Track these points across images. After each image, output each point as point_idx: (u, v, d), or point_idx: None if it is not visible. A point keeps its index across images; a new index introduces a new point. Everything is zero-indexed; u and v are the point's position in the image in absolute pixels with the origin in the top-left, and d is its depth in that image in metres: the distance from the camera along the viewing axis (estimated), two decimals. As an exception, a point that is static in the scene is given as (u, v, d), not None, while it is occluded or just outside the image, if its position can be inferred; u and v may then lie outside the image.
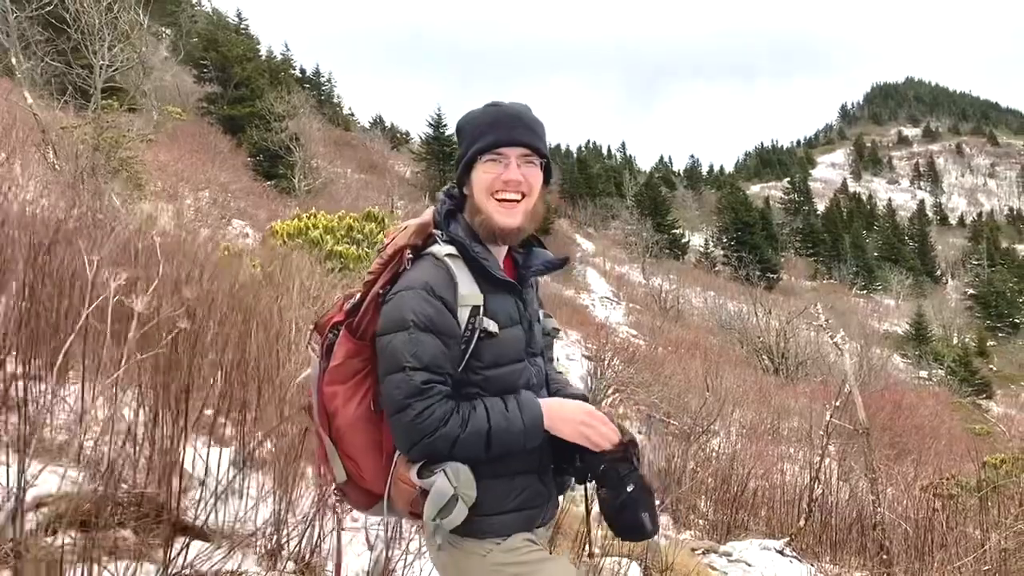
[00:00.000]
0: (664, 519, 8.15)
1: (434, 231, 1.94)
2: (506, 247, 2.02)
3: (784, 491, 9.27)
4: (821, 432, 7.10)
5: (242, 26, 39.68)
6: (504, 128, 1.91)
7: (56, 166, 12.35)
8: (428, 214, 2.01)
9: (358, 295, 1.97)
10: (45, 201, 11.39)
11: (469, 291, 1.86)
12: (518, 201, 1.92)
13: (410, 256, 1.89)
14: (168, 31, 43.65)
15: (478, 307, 1.86)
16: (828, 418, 6.85)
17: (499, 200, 1.92)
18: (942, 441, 17.12)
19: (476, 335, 1.85)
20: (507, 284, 1.96)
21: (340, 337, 1.92)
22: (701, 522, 8.56)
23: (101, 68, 12.60)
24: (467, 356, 1.86)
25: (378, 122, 77.34)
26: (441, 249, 1.88)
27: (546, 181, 2.03)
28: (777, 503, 8.18)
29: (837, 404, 7.02)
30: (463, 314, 1.85)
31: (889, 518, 6.03)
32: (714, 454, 12.21)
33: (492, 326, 1.87)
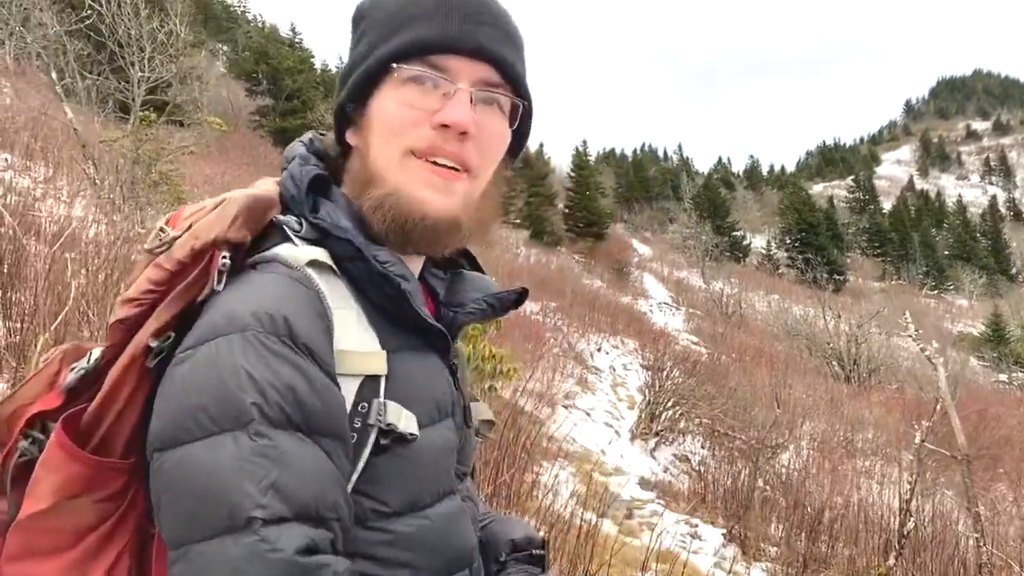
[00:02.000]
0: (731, 550, 7.38)
1: (280, 217, 0.97)
2: (422, 260, 1.10)
3: (867, 517, 8.42)
4: (911, 457, 6.26)
5: (296, 40, 39.86)
6: (452, 17, 0.97)
7: (96, 180, 12.15)
8: (266, 184, 1.03)
9: (93, 351, 0.96)
10: (91, 217, 11.23)
11: (358, 341, 0.92)
12: (457, 171, 0.98)
13: (225, 263, 0.89)
14: (224, 47, 44.43)
15: (376, 378, 0.91)
16: (919, 440, 6.01)
17: (426, 161, 0.97)
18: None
19: (371, 439, 0.90)
20: (433, 333, 1.01)
21: (50, 449, 0.88)
22: (773, 551, 7.77)
23: (140, 81, 12.37)
24: (352, 485, 0.88)
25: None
26: (299, 253, 0.93)
27: (515, 150, 1.09)
28: (860, 534, 7.36)
29: (928, 424, 6.17)
30: (346, 389, 0.89)
31: (997, 558, 5.20)
32: (783, 470, 11.38)
33: (406, 422, 0.92)
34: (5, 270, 5.79)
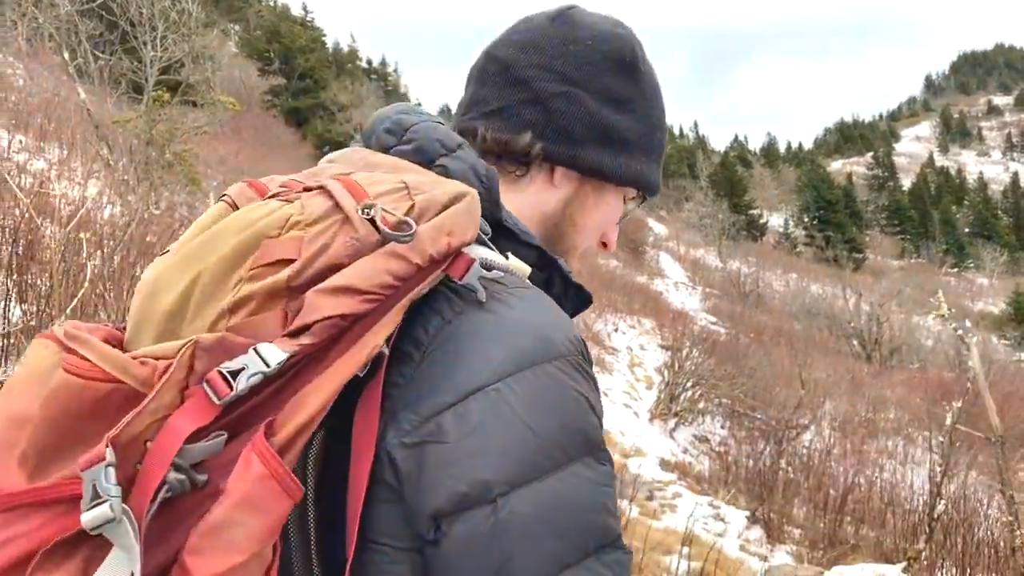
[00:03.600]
0: (756, 532, 7.27)
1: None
2: None
3: (892, 498, 8.28)
4: (941, 439, 6.10)
5: (308, 19, 39.63)
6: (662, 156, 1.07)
7: (110, 161, 12.08)
8: (418, 174, 0.82)
9: (262, 349, 0.67)
10: (105, 199, 11.17)
11: None
12: None
13: (479, 270, 0.76)
14: (236, 27, 44.26)
15: None
16: (950, 422, 5.84)
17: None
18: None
19: None
20: None
21: (250, 483, 0.64)
22: (797, 533, 7.65)
23: (152, 61, 12.26)
24: None
25: (445, 111, 77.16)
26: (516, 263, 0.84)
27: None
28: (886, 516, 7.22)
29: (959, 405, 6.00)
30: None
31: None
32: (805, 450, 11.24)
33: None
34: (20, 252, 5.71)
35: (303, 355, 0.68)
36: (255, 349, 0.67)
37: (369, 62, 60.22)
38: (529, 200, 0.97)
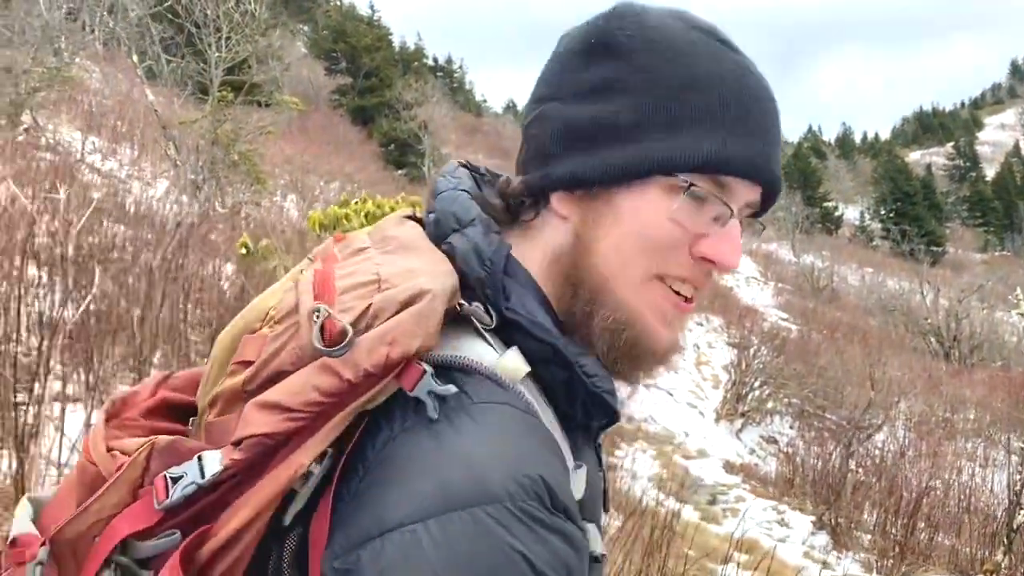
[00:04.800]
0: (822, 538, 6.98)
1: (467, 306, 0.74)
2: None
3: (970, 504, 7.86)
4: (1023, 444, 5.72)
5: (374, 18, 40.04)
6: (759, 135, 0.80)
7: (177, 162, 12.36)
8: (422, 252, 0.77)
9: (204, 457, 0.69)
10: (171, 197, 11.44)
11: (576, 475, 0.75)
12: (690, 301, 0.83)
13: (431, 384, 0.67)
14: (305, 27, 45.09)
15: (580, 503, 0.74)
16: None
17: (669, 288, 0.81)
18: None
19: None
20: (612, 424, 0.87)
21: None
22: (867, 539, 7.32)
23: (217, 61, 12.49)
24: None
25: (511, 107, 77.30)
26: (507, 363, 0.72)
27: None
28: (964, 522, 6.85)
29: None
30: None
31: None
32: (877, 451, 10.81)
33: (596, 542, 0.80)
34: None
35: (237, 469, 0.67)
36: (199, 457, 0.68)
37: (435, 60, 60.68)
38: (542, 246, 0.82)
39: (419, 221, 0.84)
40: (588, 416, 0.78)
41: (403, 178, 27.47)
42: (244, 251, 3.71)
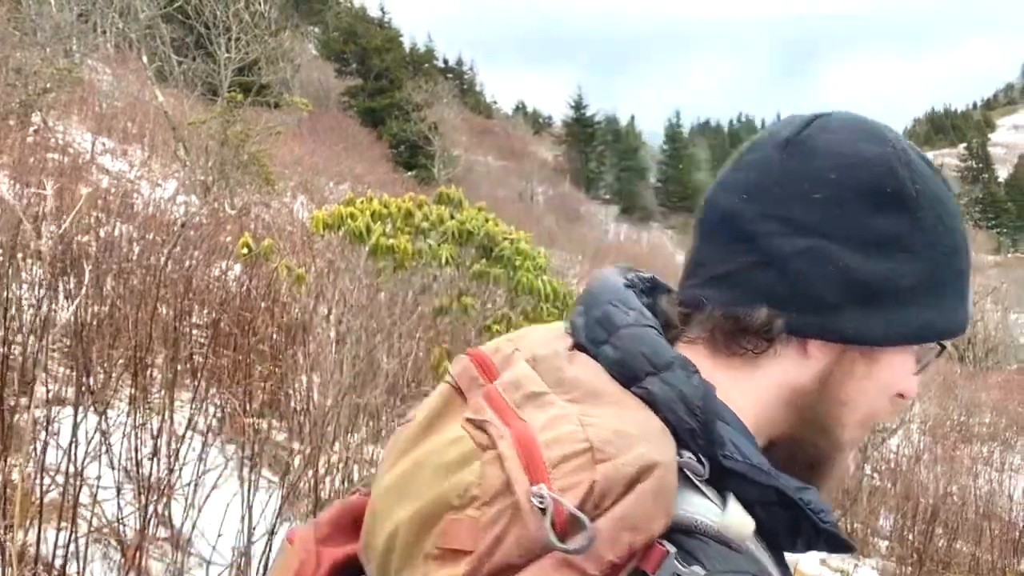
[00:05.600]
0: (839, 545, 6.87)
1: (679, 458, 0.67)
2: None
3: (988, 510, 7.75)
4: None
5: (385, 19, 40.10)
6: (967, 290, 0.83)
7: (187, 162, 12.35)
8: (620, 403, 0.70)
9: None
10: (180, 198, 11.43)
11: None
12: None
13: (675, 562, 0.62)
14: (316, 29, 45.19)
15: None
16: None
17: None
18: None
19: None
20: None
21: None
22: (883, 546, 7.22)
23: (226, 62, 12.48)
24: None
25: (520, 108, 77.25)
26: (732, 520, 0.68)
27: None
28: (984, 529, 6.74)
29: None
30: None
31: None
32: (892, 456, 10.71)
33: None
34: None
35: None
36: None
37: (445, 61, 60.70)
38: (773, 379, 0.77)
39: (576, 343, 0.77)
40: (808, 549, 0.74)
41: (413, 179, 27.51)
42: (246, 251, 3.64)
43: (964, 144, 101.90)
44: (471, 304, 3.29)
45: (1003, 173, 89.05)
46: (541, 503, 0.60)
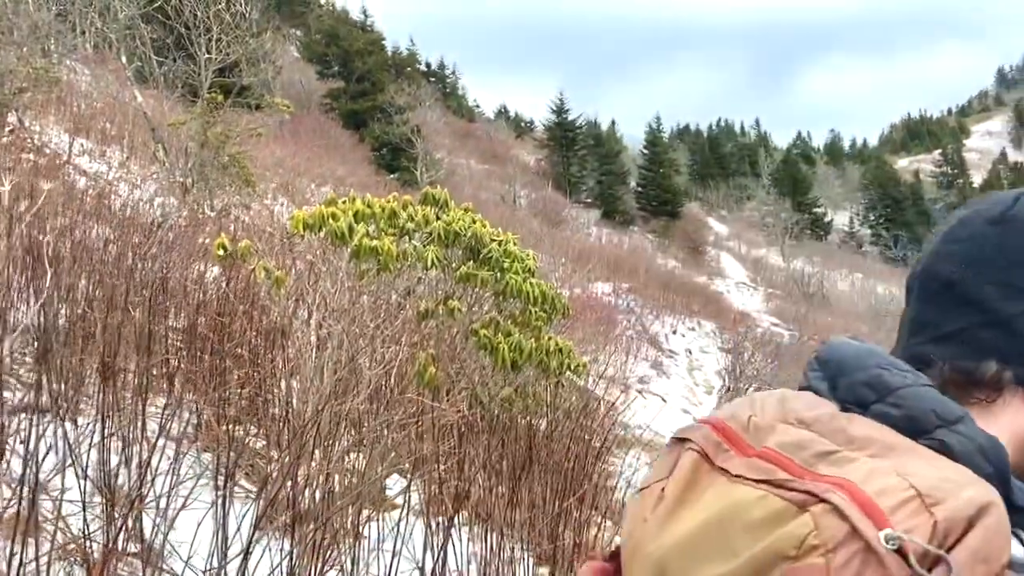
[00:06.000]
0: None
1: None
2: None
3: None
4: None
5: (367, 23, 39.89)
6: None
7: (166, 164, 12.18)
8: (927, 455, 0.73)
9: None
10: (159, 200, 11.25)
11: None
12: None
13: None
14: (298, 32, 44.94)
15: None
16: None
17: None
18: None
19: None
20: None
21: None
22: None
23: (206, 63, 12.32)
24: None
25: (502, 112, 77.23)
26: None
27: None
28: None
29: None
30: None
31: None
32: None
33: None
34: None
35: None
36: None
37: (428, 65, 60.54)
38: (1005, 427, 0.84)
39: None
40: None
41: (395, 182, 27.38)
42: (222, 252, 3.54)
43: (939, 150, 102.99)
44: (457, 308, 3.21)
45: (977, 179, 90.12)
46: (893, 544, 0.63)
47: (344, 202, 3.49)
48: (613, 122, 69.69)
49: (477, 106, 70.90)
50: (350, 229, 3.12)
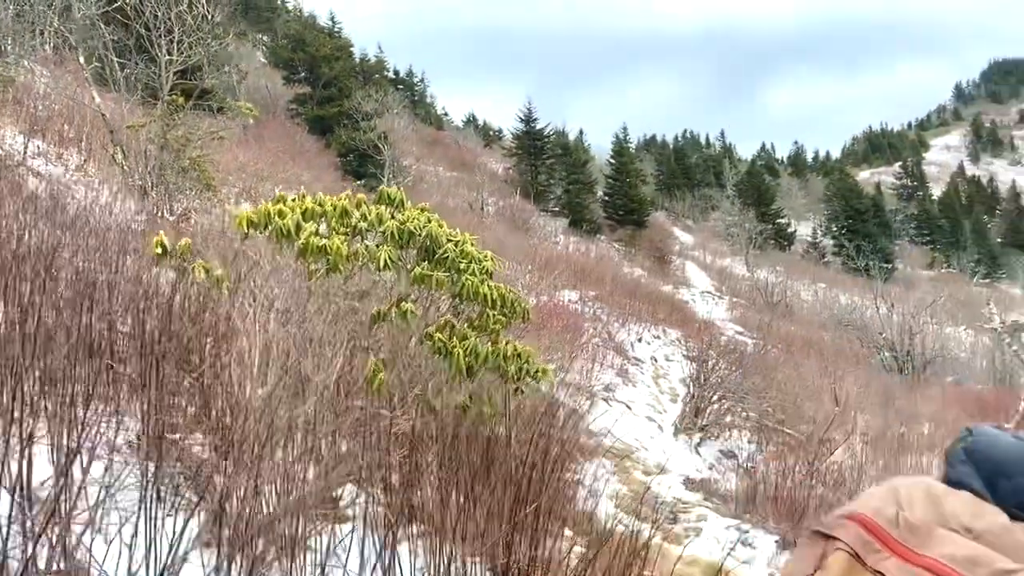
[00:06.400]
0: (788, 558, 6.83)
1: None
2: None
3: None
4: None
5: (335, 29, 39.60)
6: None
7: (125, 167, 11.92)
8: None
9: None
10: (117, 204, 10.99)
11: None
12: None
13: None
14: (265, 37, 44.54)
15: None
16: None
17: None
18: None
19: None
20: None
21: None
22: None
23: (168, 64, 12.11)
24: None
25: (471, 120, 77.20)
26: None
27: None
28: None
29: (1009, 426, 5.56)
30: None
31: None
32: (836, 467, 10.78)
33: None
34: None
35: None
36: None
37: (396, 72, 60.37)
38: None
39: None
40: None
41: (363, 188, 27.17)
42: (159, 251, 3.38)
43: (900, 163, 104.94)
44: (411, 310, 3.12)
45: (936, 191, 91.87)
46: None
47: (294, 199, 3.38)
48: (581, 132, 69.98)
49: (446, 114, 70.93)
50: (297, 227, 3.02)
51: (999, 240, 76.93)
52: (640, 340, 18.01)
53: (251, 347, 2.37)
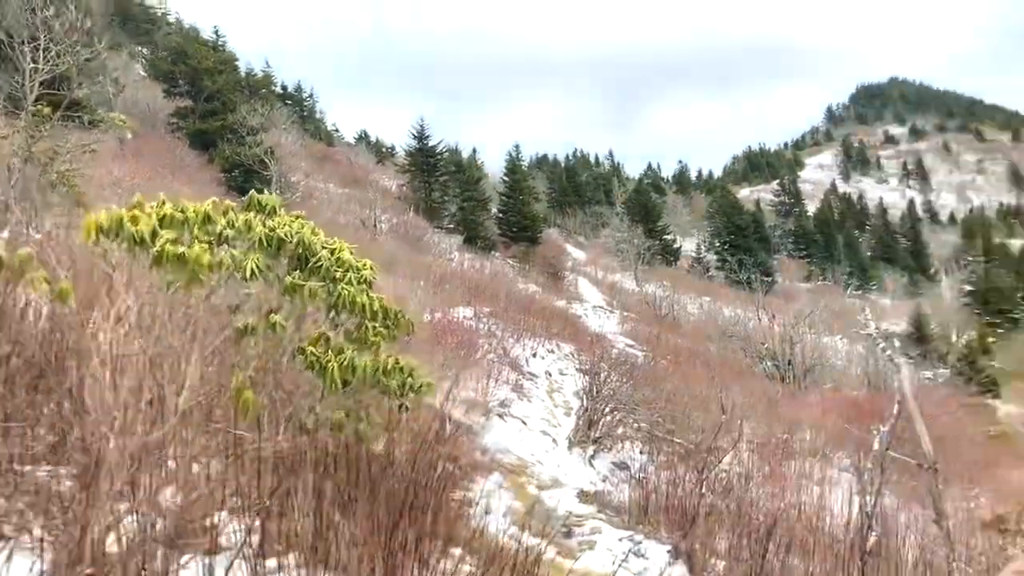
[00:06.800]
0: (680, 569, 6.90)
1: None
2: None
3: (813, 524, 8.05)
4: (869, 465, 5.86)
5: (219, 43, 38.41)
6: None
7: (-18, 181, 11.13)
8: None
9: None
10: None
11: None
12: None
13: None
14: (144, 49, 42.78)
15: None
16: (879, 447, 5.60)
17: None
18: (966, 450, 15.95)
19: None
20: None
21: None
22: (722, 566, 7.31)
23: (32, 72, 11.40)
24: None
25: (363, 137, 76.35)
26: None
27: None
28: (811, 544, 6.95)
29: (886, 429, 5.77)
30: None
31: (965, 571, 4.81)
32: (724, 475, 11.01)
33: None
34: None
35: None
36: None
37: (284, 88, 59.17)
38: None
39: None
40: None
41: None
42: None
43: (777, 181, 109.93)
44: (280, 323, 2.94)
45: (812, 208, 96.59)
46: None
47: (153, 205, 3.16)
48: (474, 150, 70.21)
49: (336, 130, 69.95)
50: (153, 234, 2.80)
51: (869, 254, 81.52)
52: (535, 355, 18.05)
53: (103, 366, 2.16)
